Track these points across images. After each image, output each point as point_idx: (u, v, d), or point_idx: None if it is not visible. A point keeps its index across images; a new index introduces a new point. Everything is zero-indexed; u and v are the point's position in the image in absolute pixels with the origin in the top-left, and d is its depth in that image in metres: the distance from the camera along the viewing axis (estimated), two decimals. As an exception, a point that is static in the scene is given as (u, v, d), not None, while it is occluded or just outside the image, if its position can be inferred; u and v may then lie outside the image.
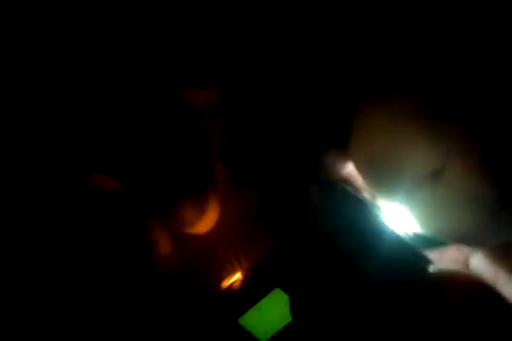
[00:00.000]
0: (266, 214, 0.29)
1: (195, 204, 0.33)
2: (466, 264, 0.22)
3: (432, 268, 0.22)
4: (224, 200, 0.34)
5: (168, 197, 0.32)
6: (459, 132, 0.16)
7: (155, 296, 0.30)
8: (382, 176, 0.18)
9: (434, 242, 0.23)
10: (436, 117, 0.16)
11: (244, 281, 0.33)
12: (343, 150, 0.21)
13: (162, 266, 0.31)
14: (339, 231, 0.23)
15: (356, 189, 0.23)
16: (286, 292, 0.30)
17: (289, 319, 0.30)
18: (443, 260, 0.23)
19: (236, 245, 0.34)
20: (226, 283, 0.34)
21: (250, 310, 0.31)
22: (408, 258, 0.22)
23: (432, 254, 0.23)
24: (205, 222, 0.33)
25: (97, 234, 0.30)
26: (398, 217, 0.20)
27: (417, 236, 0.22)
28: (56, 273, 0.30)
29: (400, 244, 0.22)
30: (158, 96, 0.31)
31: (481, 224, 0.17)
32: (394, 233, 0.22)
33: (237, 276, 0.34)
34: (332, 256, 0.24)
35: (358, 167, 0.20)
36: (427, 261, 0.22)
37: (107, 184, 0.31)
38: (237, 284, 0.34)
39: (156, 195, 0.32)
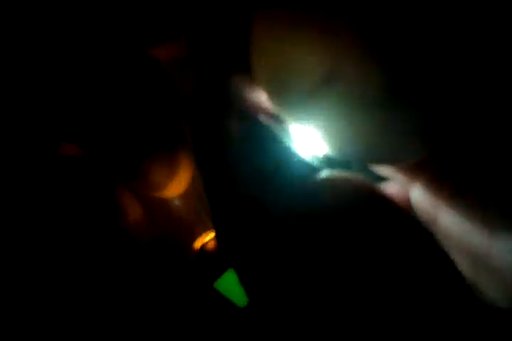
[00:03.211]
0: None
1: (164, 166, 0.30)
2: (407, 199, 0.21)
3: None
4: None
5: (135, 159, 0.30)
6: (348, 31, 0.16)
7: (128, 263, 0.29)
8: (279, 85, 0.17)
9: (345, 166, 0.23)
10: (322, 18, 0.16)
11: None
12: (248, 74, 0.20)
13: (133, 232, 0.30)
14: (250, 159, 0.23)
15: (267, 115, 0.22)
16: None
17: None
18: None
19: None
20: (200, 242, 0.33)
21: (226, 273, 0.30)
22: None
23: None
24: (177, 184, 0.31)
25: (63, 203, 0.28)
26: (308, 139, 0.19)
27: (331, 161, 0.21)
28: (26, 244, 0.28)
29: (308, 169, 0.21)
30: (123, 53, 0.27)
31: (382, 131, 0.17)
32: (301, 158, 0.22)
33: (211, 236, 0.33)
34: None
35: (260, 82, 0.19)
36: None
37: (71, 152, 0.28)
38: (211, 244, 0.33)
39: (123, 156, 0.30)
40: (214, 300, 0.30)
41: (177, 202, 0.32)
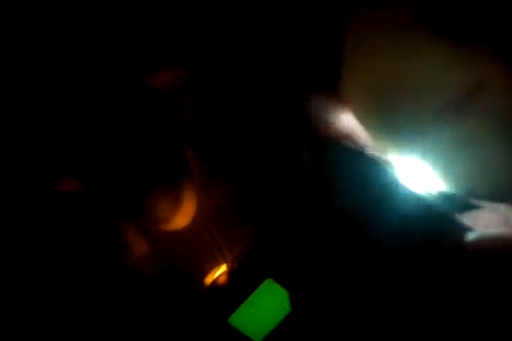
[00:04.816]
0: (247, 199, 0.25)
1: (168, 198, 0.30)
2: (508, 227, 0.19)
3: (465, 233, 0.18)
4: (200, 190, 0.31)
5: (138, 192, 0.29)
6: (499, 41, 0.13)
7: (136, 302, 0.28)
8: (387, 111, 0.14)
9: (461, 203, 0.19)
10: (455, 23, 0.13)
11: (230, 274, 0.31)
12: (332, 93, 0.17)
13: (139, 269, 0.29)
14: (342, 195, 0.20)
15: (358, 145, 0.19)
16: (279, 282, 0.27)
17: (284, 313, 0.28)
18: (477, 226, 0.19)
19: (217, 237, 0.31)
20: (210, 278, 0.32)
21: (240, 307, 0.29)
22: (433, 222, 0.19)
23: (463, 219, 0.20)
24: (182, 216, 0.30)
25: (64, 242, 0.27)
26: (416, 173, 0.16)
27: (440, 196, 0.18)
28: (27, 284, 0.27)
29: (420, 205, 0.18)
30: (120, 83, 0.27)
31: None
32: (412, 193, 0.19)
33: (222, 270, 0.32)
34: (334, 226, 0.21)
35: (358, 107, 0.16)
36: (457, 224, 0.19)
37: (71, 187, 0.28)
38: (222, 278, 0.31)
39: (125, 190, 0.29)
40: (229, 336, 0.28)
41: (184, 235, 0.31)
